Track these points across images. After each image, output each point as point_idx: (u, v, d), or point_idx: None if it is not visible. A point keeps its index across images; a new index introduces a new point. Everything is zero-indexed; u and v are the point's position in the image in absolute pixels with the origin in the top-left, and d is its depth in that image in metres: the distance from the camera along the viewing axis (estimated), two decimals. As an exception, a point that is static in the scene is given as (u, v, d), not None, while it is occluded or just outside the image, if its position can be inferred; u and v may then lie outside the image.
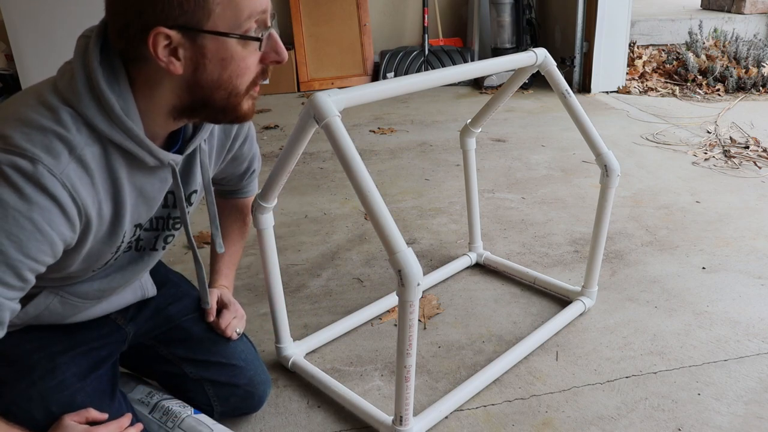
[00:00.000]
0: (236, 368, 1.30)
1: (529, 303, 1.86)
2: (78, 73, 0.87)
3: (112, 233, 0.96)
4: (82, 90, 0.86)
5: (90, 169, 0.87)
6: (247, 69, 0.89)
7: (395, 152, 3.25)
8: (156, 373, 1.36)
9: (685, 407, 1.42)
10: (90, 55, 0.87)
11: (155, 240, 1.12)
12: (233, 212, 1.40)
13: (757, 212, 2.43)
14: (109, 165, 0.90)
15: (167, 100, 0.90)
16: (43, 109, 0.85)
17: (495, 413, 1.42)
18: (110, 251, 0.99)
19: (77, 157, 0.85)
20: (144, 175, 0.97)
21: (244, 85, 0.91)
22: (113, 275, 1.09)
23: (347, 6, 4.62)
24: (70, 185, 0.84)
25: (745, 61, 4.45)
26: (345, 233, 2.34)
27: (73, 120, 0.85)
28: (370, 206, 1.09)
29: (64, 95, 0.87)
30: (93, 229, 0.91)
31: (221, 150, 1.16)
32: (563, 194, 2.65)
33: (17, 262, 0.82)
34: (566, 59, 4.37)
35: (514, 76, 1.66)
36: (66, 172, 0.83)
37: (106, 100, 0.86)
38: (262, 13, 0.87)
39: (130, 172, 0.94)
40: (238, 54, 0.87)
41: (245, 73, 0.90)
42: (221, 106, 0.91)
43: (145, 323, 1.26)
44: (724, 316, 1.77)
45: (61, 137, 0.84)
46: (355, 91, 1.21)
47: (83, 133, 0.86)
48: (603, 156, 1.61)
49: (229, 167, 1.25)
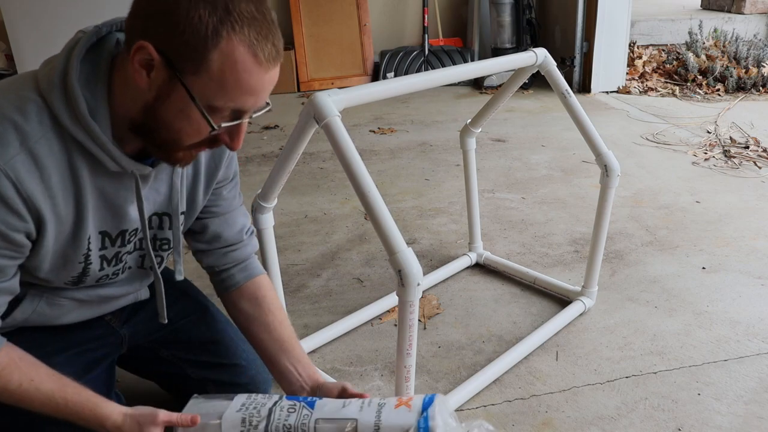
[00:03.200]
0: (238, 368, 1.30)
1: (529, 303, 1.86)
2: (58, 66, 0.86)
3: (76, 236, 0.94)
4: (56, 82, 0.85)
5: (41, 162, 0.85)
6: (196, 134, 0.88)
7: (395, 152, 3.25)
8: (157, 375, 1.36)
9: (685, 407, 1.42)
10: (75, 50, 0.86)
11: (142, 260, 1.11)
12: (258, 306, 1.18)
13: (757, 212, 2.43)
14: (70, 162, 0.88)
15: (129, 109, 0.88)
16: (13, 96, 0.85)
17: (495, 413, 1.42)
18: (77, 258, 0.97)
19: (28, 149, 0.83)
20: (108, 179, 0.94)
21: (187, 143, 0.89)
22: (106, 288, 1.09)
23: (347, 6, 4.62)
24: (14, 176, 0.82)
25: (745, 61, 4.45)
26: (345, 233, 2.34)
27: (37, 111, 0.85)
28: (370, 206, 1.09)
29: (40, 85, 0.86)
30: (48, 225, 0.89)
31: (210, 178, 1.10)
32: (563, 194, 2.65)
33: None
34: (566, 59, 4.37)
35: (514, 76, 1.66)
36: (11, 163, 0.82)
37: (74, 97, 0.85)
38: (241, 112, 0.86)
39: (92, 173, 0.91)
40: (194, 118, 0.85)
41: (193, 136, 0.88)
42: (160, 143, 0.89)
43: (143, 326, 1.25)
44: (724, 316, 1.77)
45: (16, 126, 0.83)
46: (355, 91, 1.21)
47: (45, 125, 0.85)
48: (603, 156, 1.61)
49: (215, 206, 1.17)
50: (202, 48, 0.79)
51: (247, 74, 0.81)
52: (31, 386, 0.90)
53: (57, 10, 3.35)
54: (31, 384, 0.90)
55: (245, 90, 0.83)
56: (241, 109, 0.86)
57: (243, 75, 0.81)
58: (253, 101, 0.85)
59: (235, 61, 0.80)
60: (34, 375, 0.91)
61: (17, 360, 0.91)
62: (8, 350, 0.92)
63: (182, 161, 0.93)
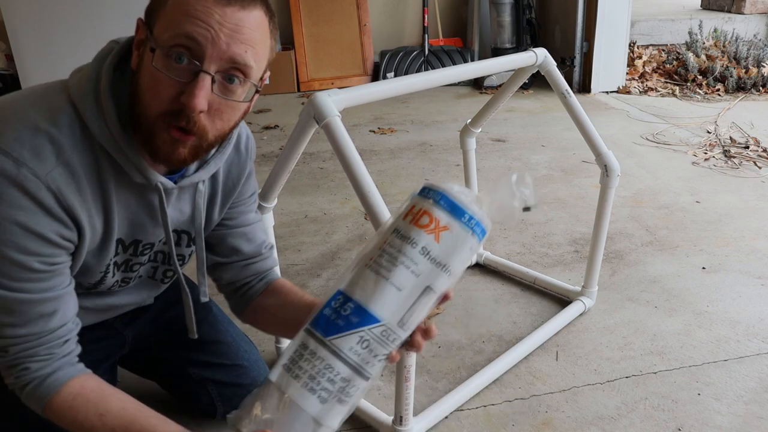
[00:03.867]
0: (240, 368, 1.31)
1: (529, 303, 1.86)
2: (91, 73, 0.86)
3: (102, 247, 0.94)
4: (88, 89, 0.85)
5: (77, 174, 0.85)
6: (155, 90, 0.81)
7: (395, 152, 3.25)
8: (159, 376, 1.36)
9: (685, 407, 1.42)
10: (108, 59, 0.87)
11: (154, 271, 1.11)
12: (280, 294, 1.15)
13: (757, 212, 2.43)
14: (98, 173, 0.88)
15: None
16: (45, 107, 0.85)
17: (495, 413, 1.42)
18: (98, 268, 0.97)
19: (65, 161, 0.83)
20: (131, 191, 0.93)
21: (152, 109, 0.82)
22: (117, 295, 1.09)
23: (347, 6, 4.62)
24: (55, 188, 0.82)
25: (745, 61, 4.45)
26: (345, 233, 2.34)
27: (69, 121, 0.84)
28: (370, 206, 1.09)
29: (71, 92, 0.86)
30: (86, 235, 0.89)
31: (226, 197, 1.09)
32: (563, 194, 2.65)
33: (24, 259, 0.82)
34: (566, 59, 4.37)
35: (514, 76, 1.66)
36: (51, 175, 0.82)
37: (106, 106, 0.85)
38: (188, 40, 0.78)
39: (118, 184, 0.90)
40: (151, 69, 0.80)
41: (154, 93, 0.81)
42: (140, 127, 0.84)
43: (145, 327, 1.25)
44: (724, 316, 1.77)
45: (52, 139, 0.82)
46: (355, 91, 1.21)
47: (77, 136, 0.85)
48: (603, 156, 1.61)
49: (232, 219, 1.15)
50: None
51: (195, 1, 0.79)
52: (98, 421, 0.88)
53: (57, 10, 3.34)
54: (98, 419, 0.88)
55: (183, 11, 0.79)
56: (186, 34, 0.78)
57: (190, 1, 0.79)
58: (201, 30, 0.78)
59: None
60: (103, 409, 0.89)
61: (89, 392, 0.90)
62: (83, 380, 0.91)
63: (161, 150, 0.85)
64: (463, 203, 0.76)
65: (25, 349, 0.87)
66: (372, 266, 0.76)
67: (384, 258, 0.76)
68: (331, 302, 0.77)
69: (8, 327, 0.85)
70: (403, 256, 0.75)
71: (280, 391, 0.75)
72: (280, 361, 0.77)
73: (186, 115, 0.81)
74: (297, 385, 0.75)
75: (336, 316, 0.76)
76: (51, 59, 3.30)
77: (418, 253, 0.75)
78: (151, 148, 0.85)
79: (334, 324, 0.76)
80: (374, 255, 0.77)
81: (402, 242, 0.75)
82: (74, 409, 0.88)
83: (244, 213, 1.13)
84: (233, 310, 1.20)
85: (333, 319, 0.76)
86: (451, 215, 0.76)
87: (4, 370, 0.89)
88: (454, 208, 0.76)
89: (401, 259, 0.75)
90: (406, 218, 0.77)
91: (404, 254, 0.75)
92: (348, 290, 0.77)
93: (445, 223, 0.76)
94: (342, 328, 0.75)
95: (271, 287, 1.16)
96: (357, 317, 0.75)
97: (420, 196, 0.78)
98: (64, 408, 0.88)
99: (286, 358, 0.77)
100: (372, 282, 0.75)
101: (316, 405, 0.75)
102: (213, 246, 1.14)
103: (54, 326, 0.88)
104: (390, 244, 0.76)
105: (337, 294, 0.77)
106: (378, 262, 0.76)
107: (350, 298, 0.76)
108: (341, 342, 0.75)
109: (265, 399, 0.76)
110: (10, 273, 0.83)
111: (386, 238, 0.77)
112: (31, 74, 3.43)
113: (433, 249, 0.75)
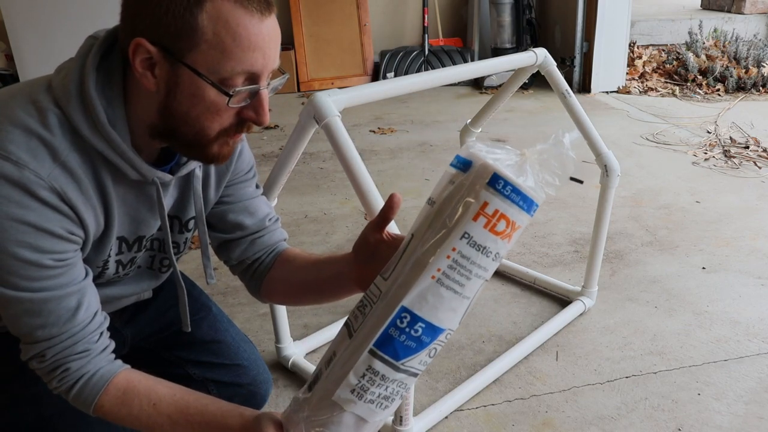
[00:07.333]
0: (240, 368, 1.30)
1: (529, 303, 1.86)
2: (73, 74, 0.85)
3: (101, 243, 0.94)
4: (73, 92, 0.84)
5: (76, 174, 0.84)
6: (217, 116, 0.83)
7: (395, 152, 3.25)
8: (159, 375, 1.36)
9: (685, 407, 1.42)
10: (89, 57, 0.85)
11: (152, 260, 1.10)
12: (285, 264, 1.12)
13: (757, 212, 2.43)
14: (95, 173, 0.87)
15: (146, 115, 0.87)
16: (32, 108, 0.83)
17: (495, 413, 1.42)
18: (95, 263, 0.97)
19: (61, 163, 0.82)
20: (128, 188, 0.93)
21: (214, 130, 0.85)
22: (115, 286, 1.09)
23: (347, 6, 4.62)
24: (58, 187, 0.82)
25: (745, 61, 4.45)
26: (345, 233, 2.34)
27: (59, 123, 0.83)
28: (370, 206, 1.09)
29: (56, 94, 0.85)
30: (91, 233, 0.89)
31: (220, 177, 1.08)
32: (563, 194, 2.65)
33: (39, 257, 0.82)
34: (566, 59, 4.37)
35: (514, 76, 1.66)
36: (53, 175, 0.81)
37: (93, 107, 0.83)
38: (252, 73, 0.81)
39: (115, 182, 0.90)
40: (209, 98, 0.81)
41: (215, 119, 0.84)
42: (188, 141, 0.86)
43: (145, 327, 1.25)
44: (724, 316, 1.77)
45: (45, 142, 0.82)
46: (355, 91, 1.21)
47: (67, 138, 0.84)
48: (603, 156, 1.61)
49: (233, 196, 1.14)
50: (189, 18, 0.77)
51: (242, 28, 0.78)
52: (153, 410, 0.89)
53: (57, 10, 3.34)
54: (153, 408, 0.89)
55: (246, 45, 0.79)
56: (250, 70, 0.81)
57: (239, 30, 0.78)
58: (260, 58, 0.80)
59: (226, 19, 0.78)
60: (155, 398, 0.90)
61: (137, 384, 0.91)
62: (127, 374, 0.91)
63: (219, 156, 0.88)
64: (536, 197, 0.70)
65: (61, 350, 0.87)
66: (442, 281, 0.70)
67: (456, 272, 0.69)
68: (395, 321, 0.71)
69: (39, 329, 0.86)
70: (478, 269, 0.70)
71: (355, 415, 0.75)
72: (344, 385, 0.73)
73: (249, 125, 0.87)
74: (371, 407, 0.74)
75: (405, 338, 0.71)
76: (51, 59, 3.28)
77: (492, 260, 0.71)
78: (204, 157, 0.88)
79: (405, 347, 0.72)
80: (441, 266, 0.69)
81: (477, 252, 0.69)
82: (127, 404, 0.89)
83: (242, 188, 1.12)
84: (250, 291, 1.17)
85: (403, 341, 0.71)
86: (526, 213, 0.70)
87: (45, 377, 0.89)
88: (530, 205, 0.70)
89: (476, 271, 0.70)
90: (477, 220, 0.68)
91: (479, 266, 0.70)
92: (415, 309, 0.70)
93: (520, 224, 0.70)
94: (414, 350, 0.72)
95: (280, 258, 1.13)
96: (429, 336, 0.72)
97: (494, 190, 0.69)
98: (117, 404, 0.89)
99: (353, 382, 0.73)
100: (446, 300, 0.70)
101: (383, 415, 0.76)
102: (215, 224, 1.12)
103: (82, 319, 0.88)
104: (462, 254, 0.69)
105: (401, 311, 0.71)
106: (449, 276, 0.70)
107: (419, 318, 0.71)
108: (413, 362, 0.73)
109: (332, 425, 0.75)
110: (29, 274, 0.83)
111: (453, 243, 0.69)
112: (31, 74, 3.42)
113: (503, 251, 0.71)
